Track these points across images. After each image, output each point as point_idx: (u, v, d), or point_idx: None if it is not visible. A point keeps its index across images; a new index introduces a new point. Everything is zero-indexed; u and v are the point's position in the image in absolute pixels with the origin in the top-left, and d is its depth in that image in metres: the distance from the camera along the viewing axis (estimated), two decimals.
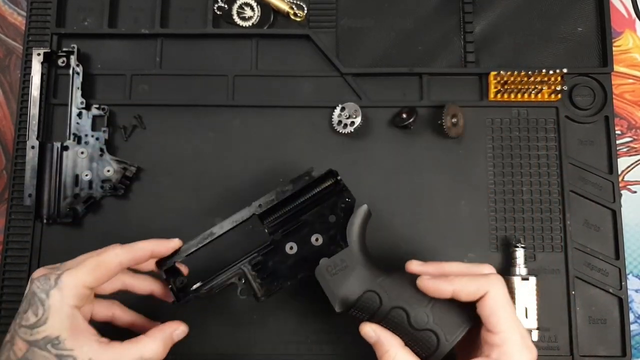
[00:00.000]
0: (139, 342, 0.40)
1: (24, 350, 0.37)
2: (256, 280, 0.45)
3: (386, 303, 0.42)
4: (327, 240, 0.45)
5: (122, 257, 0.41)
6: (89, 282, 0.39)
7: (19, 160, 0.54)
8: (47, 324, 0.37)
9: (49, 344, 0.37)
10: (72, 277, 0.38)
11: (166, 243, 0.43)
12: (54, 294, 0.38)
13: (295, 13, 0.57)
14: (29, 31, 0.57)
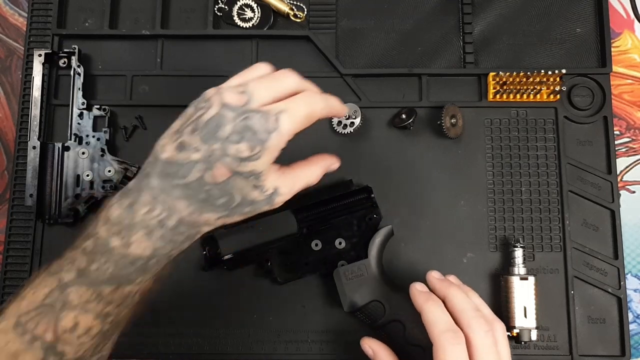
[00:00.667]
0: (306, 168, 0.42)
1: (226, 177, 0.37)
2: (279, 266, 0.50)
3: (388, 315, 0.47)
4: (350, 246, 0.50)
5: (325, 112, 0.41)
6: (299, 129, 0.39)
7: (20, 161, 0.55)
8: (258, 160, 0.37)
9: (251, 177, 0.38)
10: (291, 124, 0.38)
11: (345, 108, 0.44)
12: (274, 138, 0.37)
13: (295, 14, 0.57)
14: (30, 32, 0.57)
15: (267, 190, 0.39)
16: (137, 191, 0.37)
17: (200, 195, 0.37)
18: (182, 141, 0.37)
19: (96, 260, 0.37)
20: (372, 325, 0.48)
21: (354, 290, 0.48)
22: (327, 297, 0.52)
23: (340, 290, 0.48)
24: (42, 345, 0.36)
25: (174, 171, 0.37)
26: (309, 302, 0.53)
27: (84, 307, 0.37)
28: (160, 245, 0.37)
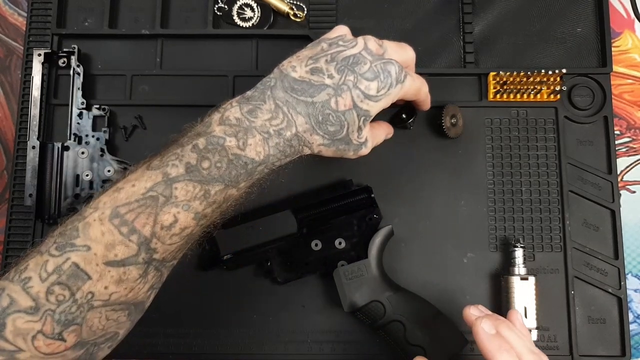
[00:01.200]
0: (379, 129, 0.49)
1: (347, 107, 0.41)
2: (279, 266, 0.50)
3: (389, 315, 0.47)
4: (349, 246, 0.50)
5: (422, 97, 0.48)
6: (408, 96, 0.45)
7: (19, 161, 0.54)
8: (378, 102, 0.42)
9: (364, 116, 0.42)
10: (410, 86, 0.44)
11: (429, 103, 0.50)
12: (398, 88, 0.42)
13: (295, 14, 0.57)
14: (29, 32, 0.57)
15: (362, 137, 0.43)
16: (259, 100, 0.40)
17: (320, 117, 0.40)
18: (317, 67, 0.41)
19: (208, 158, 0.38)
20: (372, 325, 0.48)
21: (354, 291, 0.48)
22: (327, 297, 0.52)
23: (340, 291, 0.48)
24: (138, 239, 0.36)
25: (303, 89, 0.40)
26: (309, 302, 0.52)
27: (188, 204, 0.37)
28: (272, 152, 0.40)
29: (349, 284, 0.48)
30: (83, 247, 0.35)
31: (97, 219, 0.36)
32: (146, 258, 0.37)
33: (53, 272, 0.35)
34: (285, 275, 0.50)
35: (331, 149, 0.43)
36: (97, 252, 0.35)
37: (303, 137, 0.41)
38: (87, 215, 0.37)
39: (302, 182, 0.54)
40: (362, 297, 0.48)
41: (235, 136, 0.39)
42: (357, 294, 0.48)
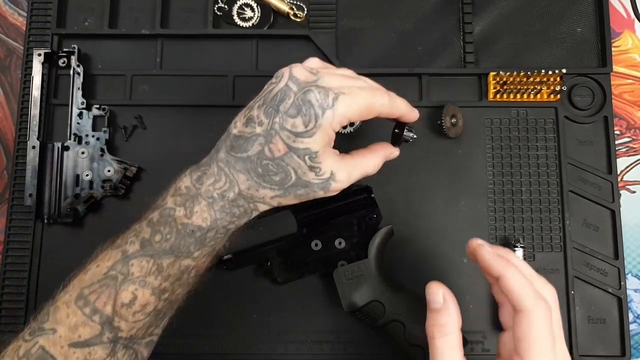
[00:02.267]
0: (366, 157, 0.43)
1: (282, 152, 0.38)
2: (279, 266, 0.50)
3: (389, 315, 0.47)
4: (349, 246, 0.49)
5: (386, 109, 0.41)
6: (354, 117, 0.39)
7: (19, 160, 0.54)
8: (312, 137, 0.38)
9: (306, 155, 0.38)
10: (346, 107, 0.38)
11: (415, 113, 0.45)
12: (328, 116, 0.38)
13: (295, 14, 0.57)
14: (29, 32, 0.57)
15: (323, 174, 0.39)
16: (207, 165, 0.40)
17: (259, 169, 0.38)
18: (251, 115, 0.39)
19: (160, 231, 0.38)
20: (372, 325, 0.48)
21: (353, 291, 0.48)
22: (327, 297, 0.52)
23: (340, 290, 0.48)
24: (100, 318, 0.37)
25: (239, 144, 0.39)
26: (309, 302, 0.52)
27: (144, 280, 0.38)
28: (219, 216, 0.39)
29: (349, 284, 0.48)
30: (50, 331, 0.37)
31: (64, 302, 0.38)
32: (111, 337, 0.37)
33: (23, 356, 0.36)
34: (285, 275, 0.50)
35: (289, 198, 0.40)
36: (62, 334, 0.37)
37: (249, 195, 0.39)
38: (57, 298, 0.38)
39: None
40: (362, 297, 0.48)
41: (184, 205, 0.39)
42: (356, 294, 0.48)
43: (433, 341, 0.37)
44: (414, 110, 0.44)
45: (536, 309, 0.35)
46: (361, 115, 0.40)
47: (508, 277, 0.36)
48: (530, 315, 0.35)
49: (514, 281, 0.36)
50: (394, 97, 0.42)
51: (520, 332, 0.35)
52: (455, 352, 0.37)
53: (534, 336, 0.35)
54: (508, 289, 0.36)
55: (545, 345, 0.35)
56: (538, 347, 0.35)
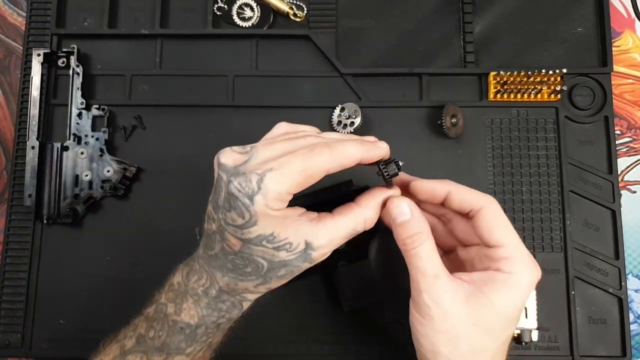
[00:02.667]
0: (351, 213, 0.38)
1: (239, 247, 0.35)
2: None
3: (389, 315, 0.47)
4: (350, 247, 0.47)
5: (329, 165, 0.35)
6: (293, 189, 0.35)
7: (19, 161, 0.54)
8: (257, 225, 0.34)
9: (263, 240, 0.35)
10: (276, 184, 0.34)
11: (376, 150, 0.38)
12: (259, 201, 0.33)
13: (295, 13, 0.57)
14: (28, 32, 0.57)
15: (296, 248, 0.36)
16: (193, 260, 0.39)
17: (228, 265, 0.36)
18: (207, 211, 0.37)
19: (154, 327, 0.38)
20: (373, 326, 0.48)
21: (354, 291, 0.48)
22: (327, 297, 0.52)
23: (340, 291, 0.48)
24: None
25: (207, 242, 0.37)
26: (309, 302, 0.52)
27: None
28: (205, 313, 0.38)
29: (349, 284, 0.48)
30: None
31: None
32: None
33: None
34: None
35: (274, 282, 0.37)
36: None
37: (231, 290, 0.37)
38: None
39: None
40: (363, 297, 0.48)
41: (174, 302, 0.38)
42: (357, 294, 0.48)
43: (411, 252, 0.37)
44: (376, 147, 0.38)
45: (492, 200, 0.38)
46: (301, 184, 0.35)
47: (457, 189, 0.38)
48: (492, 205, 0.38)
49: (462, 189, 0.38)
50: (339, 147, 0.36)
51: (490, 223, 0.37)
52: (435, 256, 0.37)
53: (503, 219, 0.38)
54: (461, 198, 0.38)
55: (512, 227, 0.38)
56: (509, 227, 0.38)
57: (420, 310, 0.37)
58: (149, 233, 0.53)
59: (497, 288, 0.36)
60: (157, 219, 0.54)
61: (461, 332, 0.36)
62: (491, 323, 0.36)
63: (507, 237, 0.37)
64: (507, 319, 0.36)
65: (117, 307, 0.47)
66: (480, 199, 0.38)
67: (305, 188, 0.36)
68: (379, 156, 0.38)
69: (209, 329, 0.39)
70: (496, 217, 0.38)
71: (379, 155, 0.38)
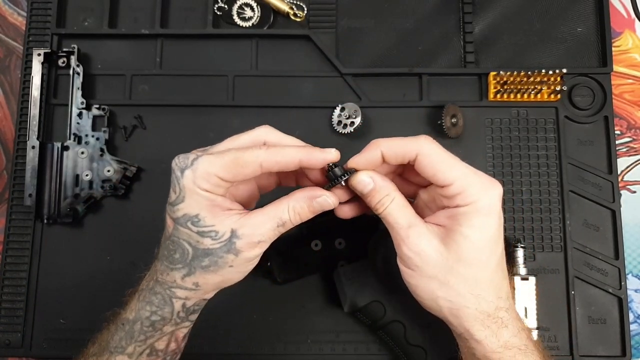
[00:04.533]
0: (280, 203, 0.38)
1: (171, 227, 0.38)
2: (279, 266, 0.49)
3: (389, 315, 0.47)
4: (350, 247, 0.50)
5: (262, 158, 0.37)
6: (222, 174, 0.36)
7: (19, 160, 0.54)
8: (184, 202, 0.37)
9: (188, 221, 0.37)
10: (207, 163, 0.36)
11: (319, 153, 0.38)
12: (188, 175, 0.37)
13: (295, 13, 0.57)
14: (29, 31, 0.57)
15: (221, 236, 0.37)
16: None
17: (164, 252, 0.38)
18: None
19: (109, 327, 0.41)
20: (373, 325, 0.48)
21: (354, 291, 0.48)
22: (327, 297, 0.52)
23: (340, 291, 0.48)
24: None
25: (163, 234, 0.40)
26: (309, 302, 0.52)
27: None
28: (140, 306, 0.39)
29: (349, 284, 0.48)
30: None
31: None
32: None
33: None
34: (285, 275, 0.50)
35: (199, 274, 0.38)
36: None
37: (163, 280, 0.39)
38: None
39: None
40: (363, 297, 0.48)
41: (128, 301, 0.40)
42: (357, 294, 0.48)
43: (384, 212, 0.38)
44: (318, 151, 0.38)
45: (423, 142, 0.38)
46: (230, 170, 0.36)
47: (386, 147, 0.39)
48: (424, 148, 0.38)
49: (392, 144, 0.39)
50: (279, 147, 0.38)
51: (430, 167, 0.38)
52: (406, 209, 0.38)
53: (441, 155, 0.38)
54: (394, 153, 0.39)
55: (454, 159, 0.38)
56: (449, 160, 0.38)
57: (406, 263, 0.38)
58: (149, 233, 0.53)
59: (464, 222, 0.37)
60: (157, 219, 0.53)
61: (449, 272, 0.37)
62: (473, 255, 0.37)
63: (451, 174, 0.37)
64: (487, 245, 0.37)
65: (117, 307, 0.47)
66: (410, 147, 0.38)
67: (239, 180, 0.37)
68: (322, 159, 0.38)
69: (144, 326, 0.39)
70: (432, 159, 0.38)
71: (321, 158, 0.38)
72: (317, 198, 0.38)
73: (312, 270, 0.50)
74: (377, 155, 0.39)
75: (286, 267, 0.50)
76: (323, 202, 0.39)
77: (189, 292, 0.39)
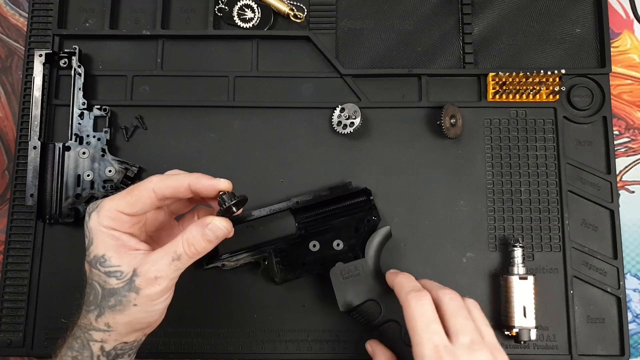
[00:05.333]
0: (176, 239, 0.40)
1: (88, 271, 0.40)
2: (277, 266, 0.49)
3: (384, 314, 0.47)
4: (347, 247, 0.50)
5: (155, 184, 0.40)
6: (121, 207, 0.40)
7: (20, 161, 0.55)
8: (93, 244, 0.39)
9: (97, 262, 0.39)
10: (108, 201, 0.40)
11: (208, 180, 0.41)
12: (93, 217, 0.40)
13: (295, 14, 0.57)
14: (30, 32, 0.57)
15: (125, 276, 0.38)
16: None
17: (84, 298, 0.40)
18: None
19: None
20: (369, 325, 0.48)
21: (349, 290, 0.48)
22: (327, 297, 0.52)
23: (337, 289, 0.48)
24: None
25: None
26: (309, 302, 0.53)
27: None
28: (63, 352, 0.40)
29: (345, 283, 0.48)
30: None
31: None
32: None
33: None
34: (283, 275, 0.50)
35: (108, 315, 0.39)
36: None
37: (81, 324, 0.40)
38: None
39: (302, 183, 0.54)
40: (358, 296, 0.48)
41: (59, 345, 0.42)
42: (352, 293, 0.48)
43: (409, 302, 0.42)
44: (206, 177, 0.41)
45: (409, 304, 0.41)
46: (129, 202, 0.40)
47: (395, 284, 0.44)
48: (407, 309, 0.41)
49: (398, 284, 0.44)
50: (169, 174, 0.42)
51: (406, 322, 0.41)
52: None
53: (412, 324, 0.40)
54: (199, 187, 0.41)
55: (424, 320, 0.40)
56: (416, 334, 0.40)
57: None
58: None
59: None
60: None
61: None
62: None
63: (413, 339, 0.40)
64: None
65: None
66: (403, 298, 0.42)
67: (140, 211, 0.40)
68: (209, 185, 0.40)
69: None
70: (408, 319, 0.41)
71: (208, 184, 0.40)
72: (208, 225, 0.40)
73: (309, 270, 0.50)
74: (389, 281, 0.46)
75: (284, 268, 0.50)
76: (214, 228, 0.40)
77: (103, 334, 0.39)
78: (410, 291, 0.42)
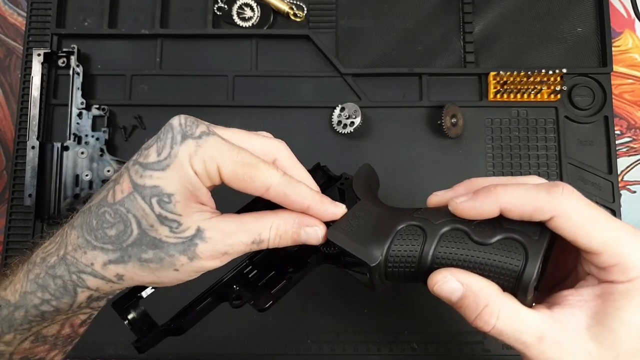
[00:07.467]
0: (262, 218, 0.31)
1: (127, 191, 0.29)
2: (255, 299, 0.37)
3: (431, 232, 0.31)
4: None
5: (275, 183, 0.30)
6: (225, 170, 0.29)
7: (19, 161, 0.54)
8: (164, 171, 0.29)
9: (154, 197, 0.29)
10: (217, 149, 0.29)
11: (331, 207, 0.32)
12: (189, 145, 0.29)
13: (295, 13, 0.57)
14: (29, 31, 0.57)
15: (184, 230, 0.29)
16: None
17: (93, 221, 0.30)
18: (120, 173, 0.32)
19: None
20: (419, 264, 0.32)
21: (369, 233, 0.33)
22: (327, 297, 0.52)
23: (351, 247, 0.32)
24: None
25: (95, 194, 0.32)
26: (309, 302, 0.52)
27: None
28: (29, 289, 0.31)
29: (357, 231, 0.33)
30: None
31: None
32: None
33: None
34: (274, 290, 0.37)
35: (131, 265, 0.30)
36: None
37: (73, 260, 0.30)
38: None
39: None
40: (386, 231, 0.33)
41: (14, 269, 0.32)
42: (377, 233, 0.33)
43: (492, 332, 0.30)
44: (335, 206, 0.33)
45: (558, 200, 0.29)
46: (236, 172, 0.30)
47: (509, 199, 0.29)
48: (566, 213, 0.28)
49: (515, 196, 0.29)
50: (294, 183, 0.31)
51: (572, 230, 0.29)
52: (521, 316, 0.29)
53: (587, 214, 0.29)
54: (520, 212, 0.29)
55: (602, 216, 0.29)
56: (600, 221, 0.29)
57: None
58: None
59: (625, 305, 0.28)
60: None
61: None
62: (634, 343, 0.28)
63: (602, 237, 0.28)
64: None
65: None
66: (544, 206, 0.29)
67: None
68: (331, 213, 0.33)
69: (30, 315, 0.31)
70: (575, 222, 0.28)
71: (331, 211, 0.33)
72: (307, 227, 0.32)
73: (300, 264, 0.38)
74: (492, 210, 0.30)
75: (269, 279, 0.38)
76: (312, 234, 0.32)
77: (105, 283, 0.30)
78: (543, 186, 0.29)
